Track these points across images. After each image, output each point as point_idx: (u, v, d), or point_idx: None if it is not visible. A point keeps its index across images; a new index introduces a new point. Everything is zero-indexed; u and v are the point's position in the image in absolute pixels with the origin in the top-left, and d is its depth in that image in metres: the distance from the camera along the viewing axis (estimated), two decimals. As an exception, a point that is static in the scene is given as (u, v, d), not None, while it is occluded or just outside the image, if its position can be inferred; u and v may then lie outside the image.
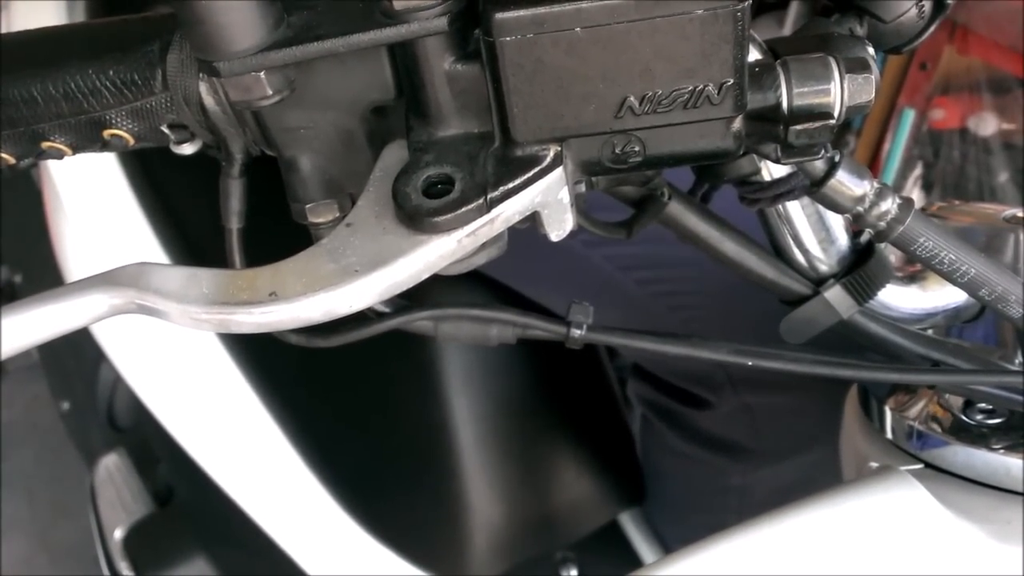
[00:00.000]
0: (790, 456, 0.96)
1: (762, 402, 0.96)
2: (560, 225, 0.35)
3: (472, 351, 1.00)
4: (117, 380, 1.20)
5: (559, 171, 0.33)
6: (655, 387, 1.05)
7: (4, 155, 0.38)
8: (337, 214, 0.38)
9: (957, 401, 0.53)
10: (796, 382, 0.93)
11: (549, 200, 0.34)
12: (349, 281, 0.32)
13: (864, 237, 0.48)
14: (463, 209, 0.32)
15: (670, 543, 1.13)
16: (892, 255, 0.50)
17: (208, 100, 0.36)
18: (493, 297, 0.94)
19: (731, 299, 0.87)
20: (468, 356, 1.00)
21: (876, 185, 0.41)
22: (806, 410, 0.93)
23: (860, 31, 0.40)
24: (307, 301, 0.32)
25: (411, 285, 0.33)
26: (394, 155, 0.35)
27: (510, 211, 0.33)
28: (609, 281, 0.88)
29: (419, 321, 0.43)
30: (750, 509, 0.90)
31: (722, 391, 0.96)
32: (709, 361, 0.45)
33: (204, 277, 0.33)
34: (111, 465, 1.33)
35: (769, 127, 0.34)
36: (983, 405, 0.52)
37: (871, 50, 0.38)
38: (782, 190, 0.42)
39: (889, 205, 0.41)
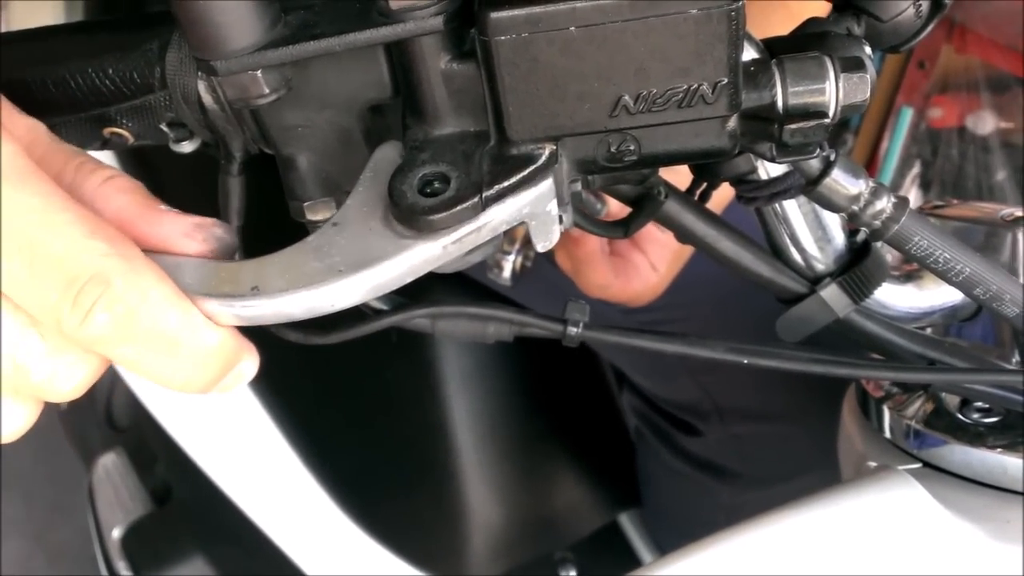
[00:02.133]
0: (778, 482, 0.97)
1: (750, 431, 0.96)
2: (547, 236, 0.35)
3: (471, 353, 1.00)
4: (115, 379, 1.21)
5: (548, 182, 0.33)
6: (648, 404, 1.06)
7: (3, 153, 0.38)
8: (334, 212, 0.38)
9: (954, 400, 0.53)
10: (783, 412, 0.93)
11: (537, 211, 0.34)
12: (332, 280, 0.32)
13: (860, 236, 0.48)
14: (458, 208, 0.32)
15: (665, 548, 1.13)
16: (889, 254, 0.50)
17: (207, 98, 0.36)
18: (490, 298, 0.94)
19: (717, 329, 0.87)
20: (467, 357, 1.00)
21: (871, 184, 0.41)
22: (794, 439, 0.94)
23: (857, 30, 0.40)
24: (288, 297, 0.32)
25: (395, 287, 0.33)
26: (385, 156, 0.35)
27: (497, 219, 0.33)
28: (593, 311, 0.88)
29: (416, 318, 0.43)
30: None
31: (709, 420, 0.97)
32: (705, 359, 0.45)
33: (188, 267, 0.33)
34: (109, 464, 1.33)
35: (764, 126, 0.34)
36: (980, 404, 0.52)
37: (868, 49, 0.38)
38: (778, 189, 0.42)
39: (884, 204, 0.41)
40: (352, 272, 0.32)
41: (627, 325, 0.69)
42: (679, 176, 0.45)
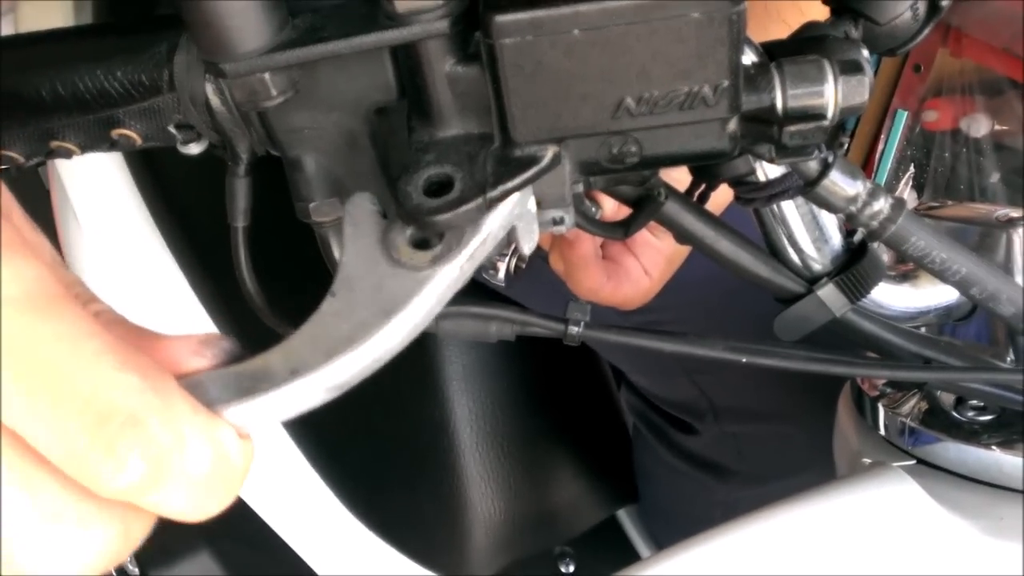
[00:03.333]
0: (774, 480, 0.97)
1: (746, 430, 0.97)
2: (531, 236, 0.35)
3: (473, 351, 1.00)
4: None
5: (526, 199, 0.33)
6: (645, 403, 1.06)
7: (13, 154, 0.38)
8: (340, 213, 0.38)
9: (949, 398, 0.54)
10: (779, 411, 0.94)
11: (523, 211, 0.34)
12: (372, 334, 0.30)
13: (857, 236, 0.49)
14: (462, 208, 0.32)
15: (662, 543, 1.14)
16: (885, 254, 0.51)
17: (214, 101, 0.36)
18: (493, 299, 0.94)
19: (710, 331, 0.87)
20: (469, 356, 1.01)
21: (869, 185, 0.42)
22: (790, 438, 0.94)
23: (855, 33, 0.41)
24: (335, 366, 0.30)
25: (429, 321, 0.32)
26: (359, 207, 0.34)
27: (496, 225, 0.33)
28: (593, 311, 0.88)
29: (420, 318, 0.43)
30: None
31: (705, 419, 0.98)
32: (704, 358, 0.46)
33: (208, 380, 0.29)
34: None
35: (764, 128, 0.35)
36: (975, 402, 0.53)
37: (865, 52, 0.38)
38: (777, 190, 0.43)
39: (881, 205, 0.42)
40: (386, 320, 0.30)
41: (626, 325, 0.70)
42: (677, 180, 0.45)
